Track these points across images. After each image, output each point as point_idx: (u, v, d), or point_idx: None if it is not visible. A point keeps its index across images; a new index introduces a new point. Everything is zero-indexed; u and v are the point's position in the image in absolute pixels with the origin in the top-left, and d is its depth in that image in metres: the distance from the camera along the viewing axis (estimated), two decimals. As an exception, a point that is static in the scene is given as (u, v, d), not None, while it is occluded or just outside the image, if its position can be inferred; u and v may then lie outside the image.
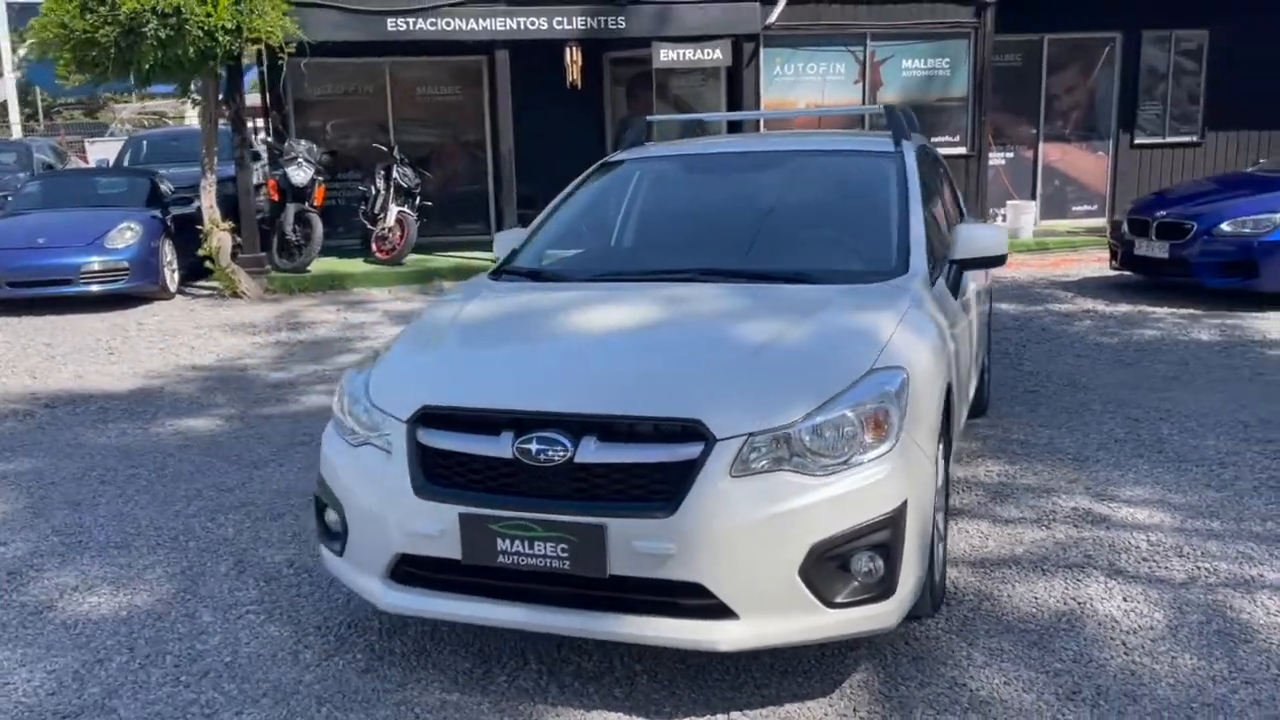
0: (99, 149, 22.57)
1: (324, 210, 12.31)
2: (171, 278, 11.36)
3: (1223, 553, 4.02)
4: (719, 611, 2.86)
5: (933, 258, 4.02)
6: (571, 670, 3.31)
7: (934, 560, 3.32)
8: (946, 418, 3.53)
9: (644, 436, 2.93)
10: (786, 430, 2.89)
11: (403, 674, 3.32)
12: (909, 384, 3.09)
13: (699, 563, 2.81)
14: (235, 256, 11.55)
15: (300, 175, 11.87)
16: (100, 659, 3.48)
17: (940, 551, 3.54)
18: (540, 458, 2.92)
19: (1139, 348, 7.82)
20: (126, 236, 10.77)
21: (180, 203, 12.06)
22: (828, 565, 2.86)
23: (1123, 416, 5.98)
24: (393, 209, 12.44)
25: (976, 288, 4.96)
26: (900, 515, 2.93)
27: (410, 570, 3.15)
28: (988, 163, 13.55)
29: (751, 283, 3.82)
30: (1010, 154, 14.45)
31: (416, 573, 3.14)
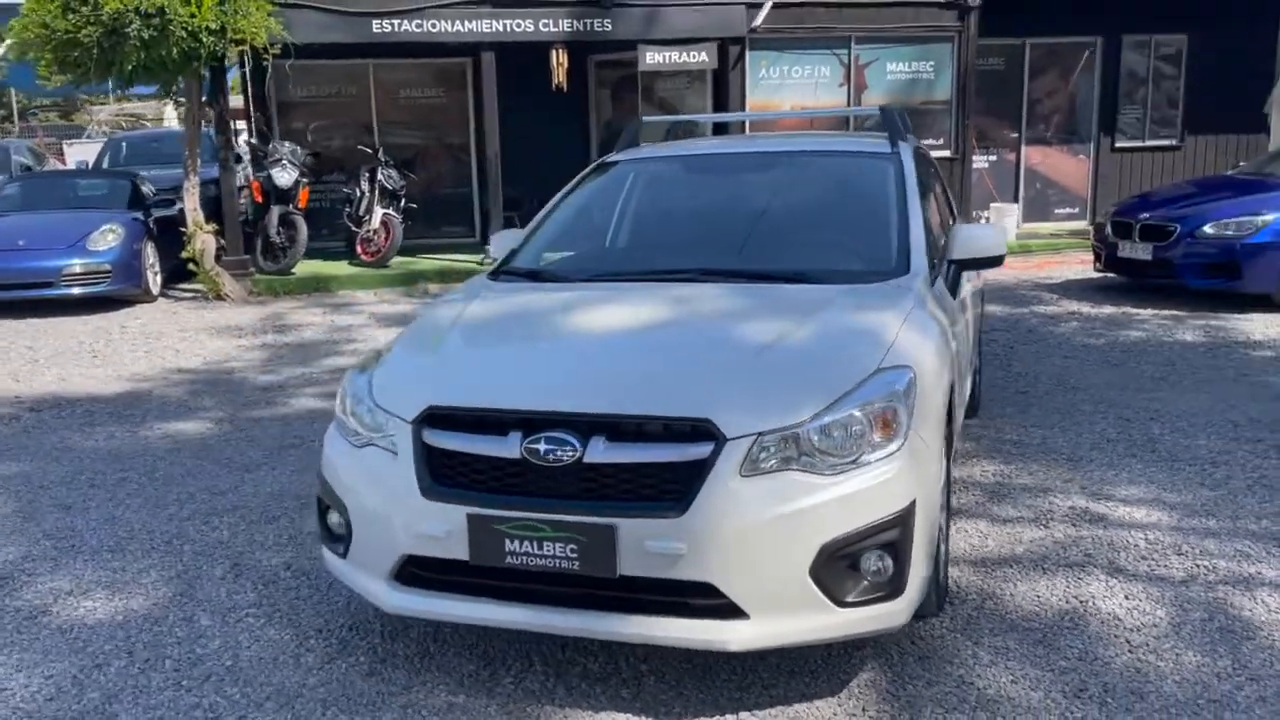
0: (77, 151, 22.38)
1: (308, 212, 12.24)
2: (154, 280, 11.27)
3: (1221, 551, 4.05)
4: (729, 611, 2.85)
5: (932, 258, 4.04)
6: (578, 671, 3.29)
7: (938, 559, 3.32)
8: (948, 417, 3.54)
9: (653, 436, 2.92)
10: (795, 430, 2.89)
11: (407, 676, 3.30)
12: (916, 383, 3.10)
13: (710, 562, 2.81)
14: (219, 259, 11.46)
15: (285, 177, 11.80)
16: (98, 664, 3.44)
17: (943, 551, 3.55)
18: (549, 458, 2.91)
19: (1125, 349, 7.88)
20: (108, 239, 10.67)
21: (162, 205, 11.96)
22: (838, 564, 2.86)
23: (1113, 417, 6.01)
24: (378, 211, 12.38)
25: (971, 289, 4.98)
26: (909, 514, 2.93)
27: (415, 572, 3.13)
28: (971, 165, 13.63)
29: (753, 283, 3.81)
30: (993, 157, 14.54)
31: (422, 574, 3.12)
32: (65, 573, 4.20)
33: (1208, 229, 9.36)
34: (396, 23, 11.62)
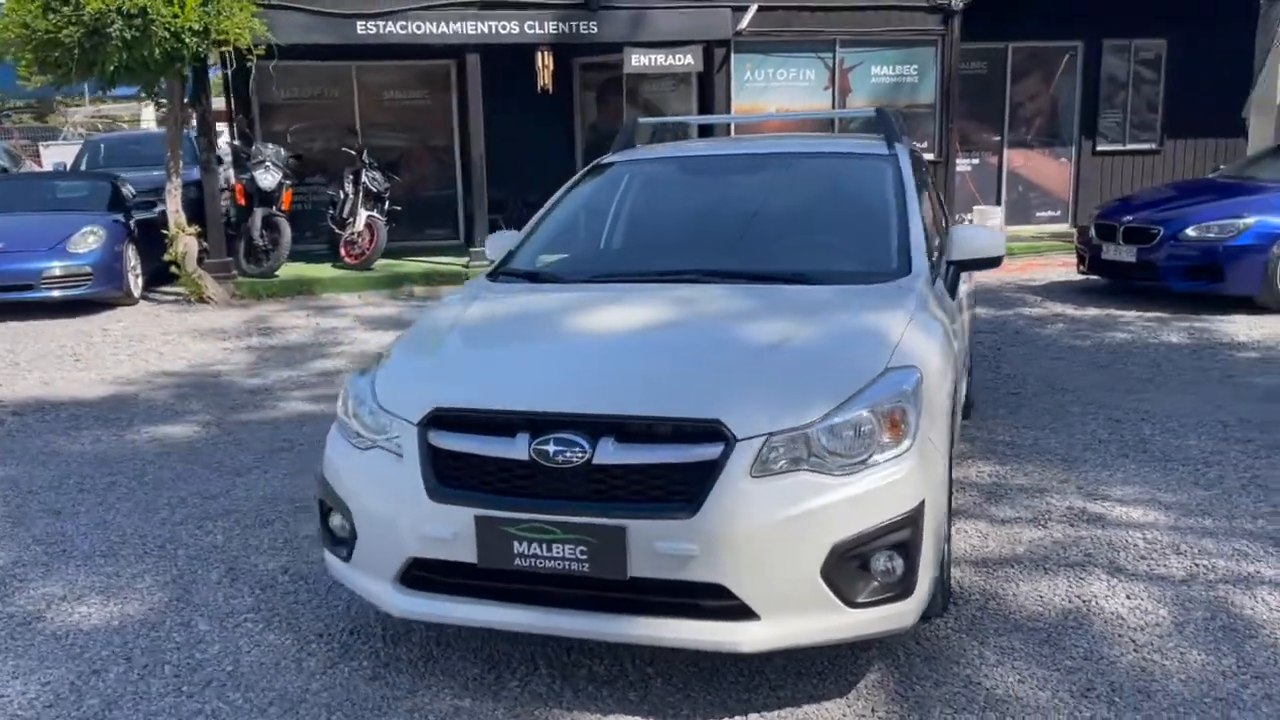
0: (54, 153, 22.13)
1: (290, 215, 12.15)
2: (135, 283, 11.15)
3: (1219, 550, 4.07)
4: (740, 613, 2.84)
5: (932, 258, 4.05)
6: (584, 674, 3.27)
7: (943, 560, 3.32)
8: (951, 417, 3.54)
9: (662, 437, 2.91)
10: (805, 430, 2.88)
11: (411, 680, 3.27)
12: (923, 383, 3.10)
13: (721, 563, 2.79)
14: (201, 261, 11.37)
15: (268, 179, 11.71)
16: (96, 670, 3.39)
17: (947, 551, 3.55)
18: (558, 459, 2.89)
19: (1112, 350, 7.93)
20: (89, 241, 10.55)
21: (142, 207, 11.84)
22: (849, 565, 2.86)
23: (1104, 417, 6.04)
24: (362, 213, 12.31)
25: (965, 289, 4.99)
26: (919, 514, 2.93)
27: (421, 575, 3.10)
28: (955, 169, 13.70)
29: (755, 284, 3.81)
30: (976, 160, 14.62)
31: (428, 577, 3.09)
32: (57, 578, 4.14)
33: (1190, 232, 9.43)
34: (381, 24, 11.56)
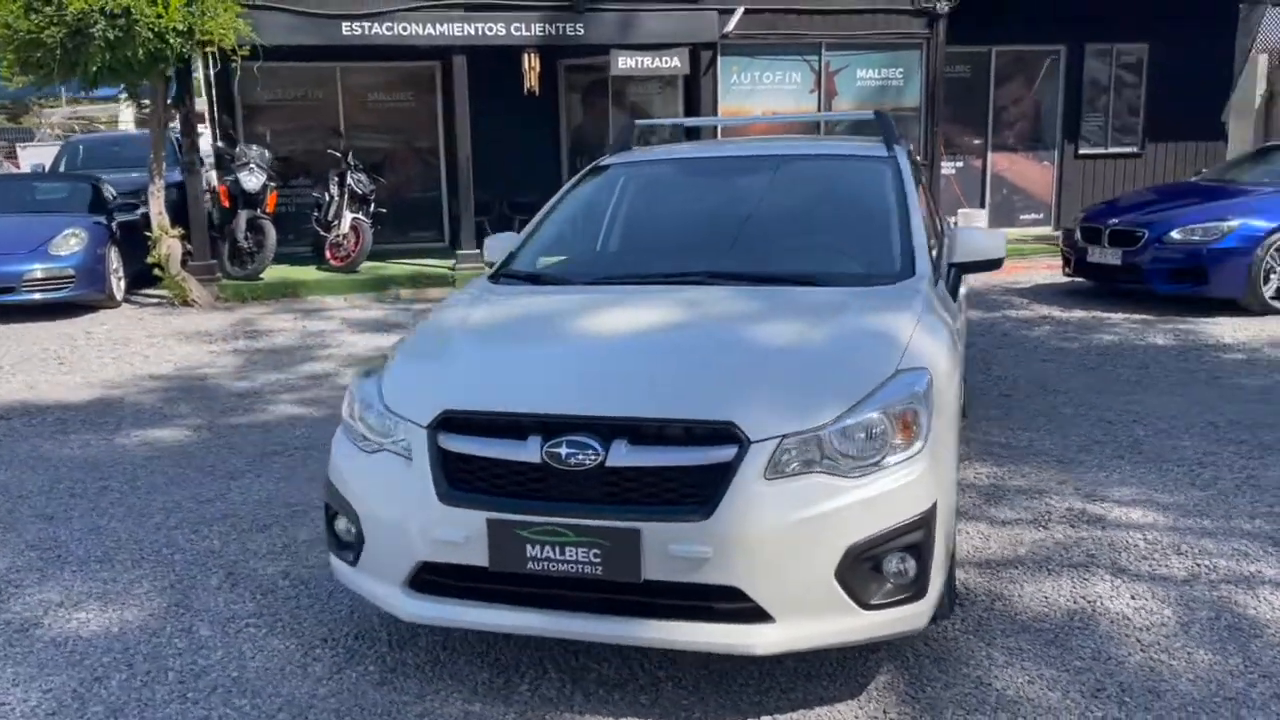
0: (31, 154, 21.91)
1: (274, 217, 12.05)
2: (118, 286, 11.05)
3: (1219, 550, 4.10)
4: (754, 615, 2.83)
5: (933, 260, 4.06)
6: (593, 678, 3.25)
7: (951, 561, 3.33)
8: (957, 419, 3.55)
9: (675, 439, 2.90)
10: (818, 432, 2.87)
11: (420, 685, 3.24)
12: (933, 384, 3.10)
13: (736, 566, 2.78)
14: (185, 264, 11.27)
15: (252, 181, 11.61)
16: (98, 677, 3.34)
17: (952, 552, 3.55)
18: (570, 462, 2.87)
19: (1100, 352, 7.98)
20: (71, 243, 10.44)
21: (124, 209, 11.73)
22: (863, 567, 2.85)
23: (1096, 419, 6.08)
24: (347, 215, 12.23)
25: (962, 291, 5.01)
26: (931, 516, 2.93)
27: (430, 579, 3.07)
28: (940, 171, 13.76)
29: (760, 285, 3.80)
30: (960, 163, 14.69)
31: (438, 580, 3.06)
32: (54, 584, 4.09)
33: (1175, 235, 9.51)
34: (367, 25, 11.49)
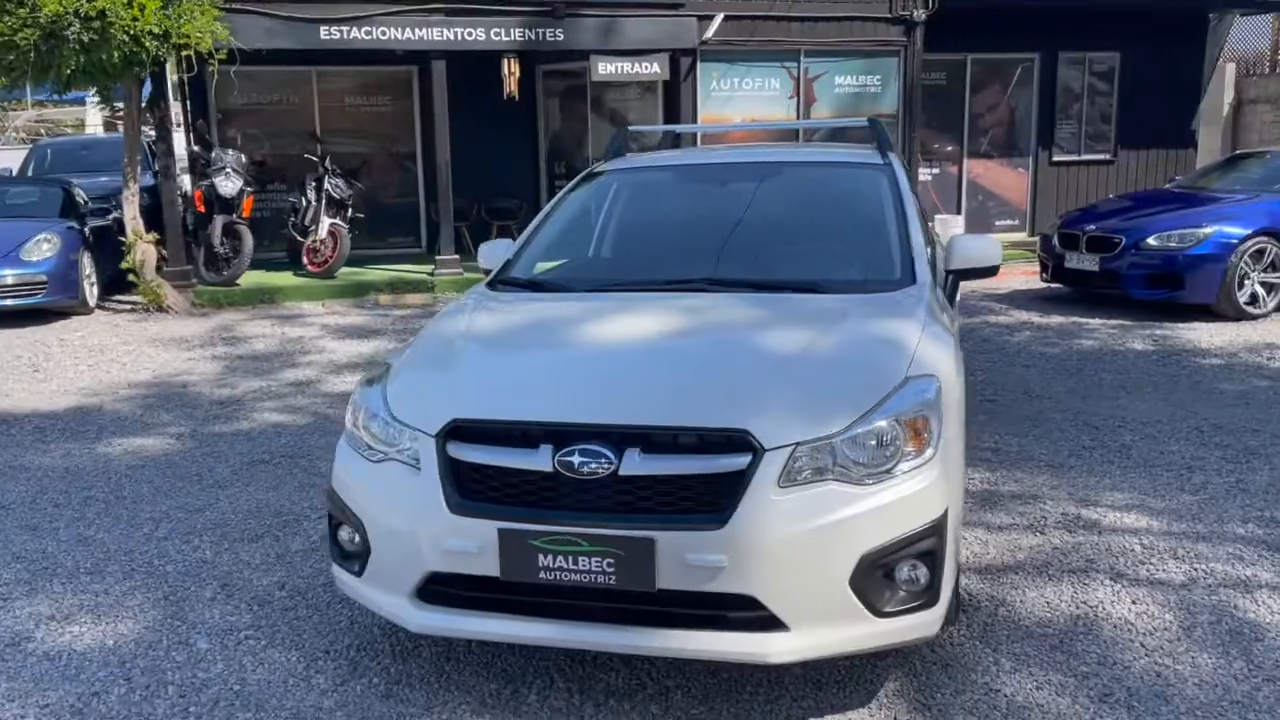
0: (-2, 157, 21.55)
1: (250, 222, 11.93)
2: (91, 292, 10.90)
3: (1214, 554, 4.14)
4: (769, 624, 2.82)
5: (932, 267, 4.07)
6: (602, 687, 3.23)
7: (956, 567, 3.33)
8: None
9: (689, 448, 2.88)
10: (831, 440, 2.87)
11: (426, 697, 3.20)
12: (941, 391, 3.11)
13: (751, 575, 2.77)
14: (160, 270, 11.12)
15: (229, 186, 11.49)
16: (96, 691, 3.28)
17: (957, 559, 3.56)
18: (583, 470, 2.85)
19: (1081, 357, 8.05)
20: (44, 249, 10.29)
21: (97, 213, 11.56)
22: (876, 574, 2.85)
23: (1082, 424, 6.13)
24: (325, 221, 12.13)
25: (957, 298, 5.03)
26: (943, 523, 2.93)
27: (438, 589, 3.04)
28: (917, 178, 13.85)
29: (761, 292, 3.80)
30: (936, 170, 14.80)
31: (446, 591, 3.03)
32: (43, 596, 4.01)
33: (1152, 241, 9.62)
34: (345, 30, 11.41)
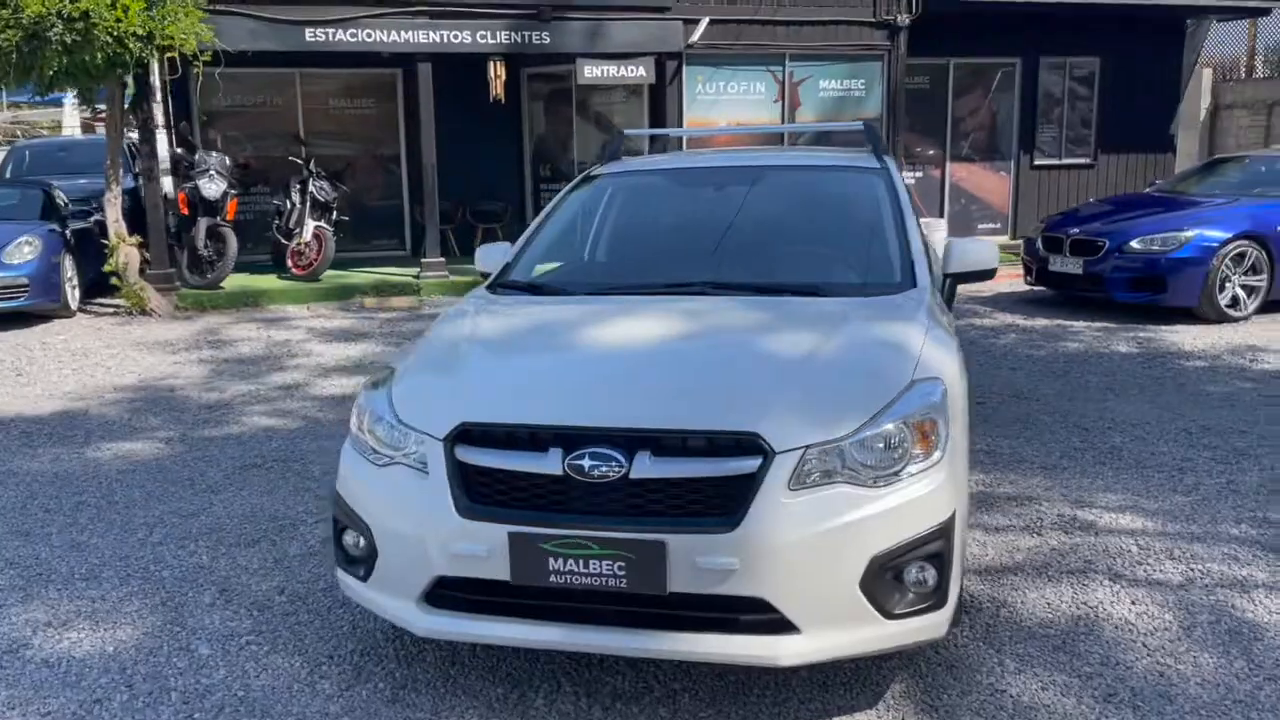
0: (-28, 160, 21.29)
1: (234, 225, 11.85)
2: (73, 295, 10.81)
3: (1210, 555, 4.18)
4: (780, 626, 2.82)
5: (930, 270, 4.09)
6: (609, 691, 3.22)
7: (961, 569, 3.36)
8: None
9: (699, 451, 2.88)
10: (840, 443, 2.88)
11: (433, 702, 3.19)
12: (947, 394, 3.13)
13: (762, 577, 2.78)
14: (143, 273, 11.03)
15: (212, 188, 11.41)
16: (98, 699, 3.25)
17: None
18: (594, 474, 2.85)
19: (1067, 359, 8.11)
20: (25, 251, 10.18)
21: (78, 216, 11.45)
22: (886, 577, 2.86)
23: (1072, 426, 6.17)
24: (309, 223, 12.07)
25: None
26: (951, 525, 2.95)
27: (444, 593, 3.03)
28: (900, 182, 13.91)
29: (763, 295, 3.81)
30: (919, 173, 14.88)
31: (453, 595, 3.02)
32: (39, 603, 3.97)
33: (1135, 244, 9.70)
34: (331, 32, 11.36)
